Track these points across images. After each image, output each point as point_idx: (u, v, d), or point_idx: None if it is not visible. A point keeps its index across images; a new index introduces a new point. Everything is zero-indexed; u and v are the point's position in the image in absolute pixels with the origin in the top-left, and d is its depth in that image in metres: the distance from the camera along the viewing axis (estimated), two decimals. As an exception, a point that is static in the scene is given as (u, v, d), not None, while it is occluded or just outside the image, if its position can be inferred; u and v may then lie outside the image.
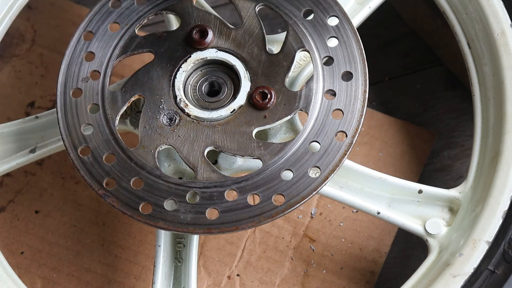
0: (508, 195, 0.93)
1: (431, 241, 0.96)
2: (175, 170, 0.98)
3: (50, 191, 1.17)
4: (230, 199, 0.90)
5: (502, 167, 0.94)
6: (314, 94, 0.93)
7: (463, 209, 0.96)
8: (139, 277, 1.11)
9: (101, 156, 0.93)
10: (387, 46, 1.29)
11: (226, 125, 0.93)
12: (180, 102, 0.94)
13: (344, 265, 1.11)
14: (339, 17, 0.97)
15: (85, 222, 1.15)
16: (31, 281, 1.11)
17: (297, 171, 0.91)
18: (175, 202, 0.91)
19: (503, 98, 0.97)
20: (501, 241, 0.91)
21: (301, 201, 0.90)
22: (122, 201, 0.91)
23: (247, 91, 0.94)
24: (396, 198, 0.98)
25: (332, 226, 1.13)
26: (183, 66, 0.96)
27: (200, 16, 0.98)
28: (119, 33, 0.97)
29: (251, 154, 0.92)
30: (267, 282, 1.10)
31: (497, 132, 0.97)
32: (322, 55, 0.95)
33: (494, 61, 0.99)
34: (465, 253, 0.92)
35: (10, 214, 1.16)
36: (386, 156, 1.18)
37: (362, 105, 0.94)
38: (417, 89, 1.25)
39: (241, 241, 1.13)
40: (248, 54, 0.96)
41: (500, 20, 0.99)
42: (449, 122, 1.22)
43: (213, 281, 1.11)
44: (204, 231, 0.90)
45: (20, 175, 1.18)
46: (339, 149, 0.92)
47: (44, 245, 1.14)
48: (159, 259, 0.98)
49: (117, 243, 1.13)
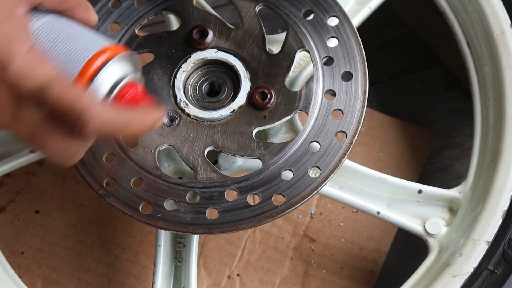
0: (508, 195, 0.93)
1: (431, 241, 0.96)
2: (175, 170, 0.98)
3: (50, 191, 1.17)
4: (230, 199, 0.90)
5: (502, 167, 0.94)
6: (314, 94, 0.93)
7: (463, 209, 0.96)
8: (139, 277, 1.11)
9: (101, 156, 0.93)
10: (387, 46, 1.29)
11: (226, 125, 0.93)
12: (180, 102, 0.94)
13: (344, 265, 1.11)
14: (339, 17, 0.97)
15: (85, 222, 1.15)
16: (31, 281, 1.11)
17: (297, 171, 0.91)
18: (175, 202, 0.91)
19: (503, 98, 0.97)
20: (500, 241, 0.91)
21: (301, 201, 0.90)
22: (122, 201, 0.91)
23: (247, 91, 0.94)
24: (396, 198, 0.98)
25: (332, 226, 1.14)
26: (183, 66, 0.96)
27: (200, 16, 0.98)
28: (119, 33, 0.97)
29: (251, 154, 0.92)
30: (267, 282, 1.10)
31: (497, 132, 0.97)
32: (322, 55, 0.95)
33: (494, 61, 0.99)
34: (464, 253, 0.92)
35: (11, 214, 1.16)
36: (386, 156, 1.18)
37: (362, 105, 0.94)
38: (417, 89, 1.25)
39: (241, 241, 1.13)
40: (248, 54, 0.96)
41: (500, 20, 0.99)
42: (449, 122, 1.22)
43: (213, 281, 1.11)
44: (204, 231, 0.90)
45: (21, 175, 1.18)
46: (339, 149, 0.92)
47: (44, 245, 1.14)
48: (159, 259, 0.98)
49: (117, 243, 1.13)
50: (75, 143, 0.81)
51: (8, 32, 0.78)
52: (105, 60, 0.79)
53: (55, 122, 0.79)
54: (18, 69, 0.76)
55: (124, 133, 0.80)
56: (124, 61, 0.81)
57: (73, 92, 0.76)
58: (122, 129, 0.79)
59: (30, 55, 0.77)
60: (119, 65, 0.81)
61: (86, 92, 0.78)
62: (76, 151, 0.82)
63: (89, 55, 0.79)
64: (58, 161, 0.82)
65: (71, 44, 0.80)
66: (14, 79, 0.76)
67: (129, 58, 0.82)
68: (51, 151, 0.81)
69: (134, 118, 0.80)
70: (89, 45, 0.80)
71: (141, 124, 0.81)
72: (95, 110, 0.76)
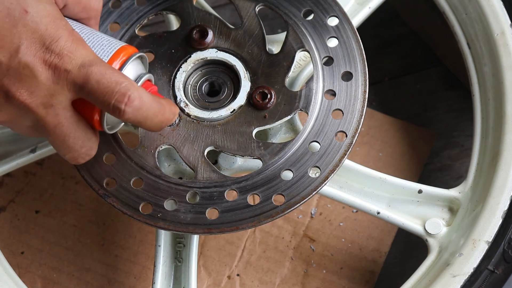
0: (508, 195, 0.93)
1: (431, 241, 0.96)
2: (175, 170, 0.98)
3: (50, 191, 1.17)
4: (230, 199, 0.90)
5: (502, 167, 0.94)
6: (314, 94, 0.93)
7: (463, 209, 0.96)
8: (139, 277, 1.11)
9: (101, 156, 0.93)
10: (387, 46, 1.29)
11: (226, 125, 0.93)
12: (180, 102, 0.94)
13: (344, 265, 1.11)
14: (339, 17, 0.97)
15: (85, 222, 1.15)
16: (31, 281, 1.11)
17: (297, 171, 0.91)
18: (175, 202, 0.91)
19: (503, 98, 0.97)
20: (500, 241, 0.91)
21: (301, 201, 0.90)
22: (122, 201, 0.91)
23: (247, 91, 0.94)
24: (396, 198, 0.98)
25: (332, 226, 1.14)
26: (183, 66, 0.96)
27: (200, 16, 0.98)
28: (119, 33, 0.97)
29: (251, 154, 0.92)
30: (267, 282, 1.10)
31: (497, 132, 0.97)
32: (322, 55, 0.95)
33: (494, 61, 0.99)
34: (464, 253, 0.92)
35: (11, 214, 1.16)
36: (386, 156, 1.18)
37: (362, 105, 0.94)
38: (417, 89, 1.25)
39: (241, 241, 1.13)
40: (248, 54, 0.96)
41: (500, 20, 0.99)
42: (449, 122, 1.22)
43: (213, 281, 1.11)
44: (204, 231, 0.90)
45: (21, 175, 1.18)
46: (339, 149, 0.92)
47: (44, 245, 1.14)
48: (159, 259, 0.98)
49: (117, 243, 1.13)
50: (93, 137, 0.83)
51: (53, 12, 0.78)
52: (129, 55, 0.84)
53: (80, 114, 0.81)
54: (63, 47, 0.77)
55: (154, 122, 0.82)
56: (143, 59, 0.87)
57: (115, 73, 0.78)
58: (155, 116, 0.81)
59: (73, 36, 0.78)
60: (140, 61, 0.86)
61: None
62: (92, 146, 0.84)
63: (114, 49, 0.83)
64: (72, 156, 0.83)
65: (95, 39, 0.84)
66: (58, 58, 0.76)
67: (143, 58, 0.87)
68: (71, 144, 0.81)
69: (164, 106, 0.83)
70: (110, 42, 0.85)
71: (168, 114, 0.83)
72: (137, 90, 0.78)
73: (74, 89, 0.78)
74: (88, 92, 0.78)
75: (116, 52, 0.83)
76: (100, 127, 0.84)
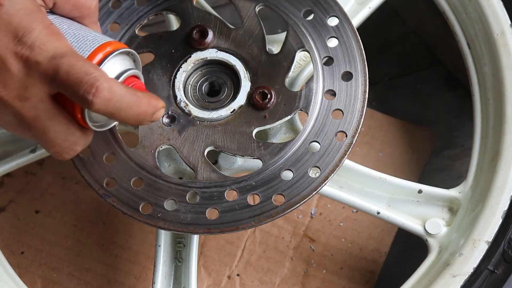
0: (508, 195, 0.93)
1: (431, 241, 0.96)
2: (175, 170, 0.98)
3: (50, 191, 1.17)
4: (230, 199, 0.90)
5: (502, 167, 0.94)
6: (314, 94, 0.93)
7: (463, 209, 0.97)
8: (139, 277, 1.11)
9: (101, 156, 0.93)
10: (387, 46, 1.29)
11: (226, 125, 0.93)
12: (180, 102, 0.94)
13: (344, 265, 1.11)
14: (339, 17, 0.97)
15: (85, 222, 1.15)
16: (31, 281, 1.11)
17: (297, 171, 0.91)
18: (175, 202, 0.91)
19: (503, 98, 0.97)
20: (500, 241, 0.91)
21: (301, 201, 0.90)
22: (122, 201, 0.91)
23: (247, 91, 0.94)
24: (396, 198, 0.98)
25: (332, 226, 1.14)
26: (183, 66, 0.96)
27: (200, 16, 0.98)
28: (119, 33, 0.97)
29: (251, 154, 0.92)
30: (267, 282, 1.10)
31: (497, 132, 0.97)
32: (322, 55, 0.95)
33: (494, 61, 0.99)
34: (464, 253, 0.92)
35: (11, 214, 1.16)
36: (386, 156, 1.19)
37: (362, 105, 0.94)
38: (417, 89, 1.25)
39: (241, 241, 1.13)
40: (248, 54, 0.96)
41: (500, 20, 0.99)
42: (449, 122, 1.23)
43: (213, 281, 1.11)
44: (204, 231, 0.90)
45: (21, 175, 1.18)
46: (339, 149, 0.92)
47: (44, 245, 1.14)
48: (159, 259, 0.98)
49: (117, 243, 1.13)
50: (77, 132, 0.81)
51: (29, 5, 0.78)
52: (113, 49, 0.82)
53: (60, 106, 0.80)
54: (36, 39, 0.76)
55: (129, 114, 0.79)
56: (129, 55, 0.85)
57: (86, 64, 0.77)
58: (128, 108, 0.79)
59: (48, 29, 0.78)
60: (125, 56, 0.84)
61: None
62: (77, 141, 0.82)
63: (98, 43, 0.82)
64: (56, 151, 0.82)
65: (81, 34, 0.83)
66: (29, 50, 0.76)
67: (133, 55, 0.85)
68: (52, 138, 0.80)
69: (140, 99, 0.80)
70: (97, 37, 0.84)
71: (146, 107, 0.81)
72: (108, 81, 0.76)
73: (47, 81, 0.77)
74: (59, 84, 0.76)
75: (99, 47, 0.82)
76: (83, 123, 0.82)
